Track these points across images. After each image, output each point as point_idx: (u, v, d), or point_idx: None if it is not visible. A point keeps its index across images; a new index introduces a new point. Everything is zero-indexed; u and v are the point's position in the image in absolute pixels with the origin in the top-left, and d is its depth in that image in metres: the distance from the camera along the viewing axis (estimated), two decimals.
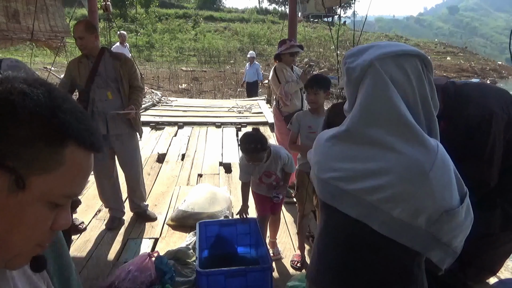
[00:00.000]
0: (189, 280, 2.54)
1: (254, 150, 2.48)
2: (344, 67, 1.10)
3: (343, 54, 1.20)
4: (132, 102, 3.21)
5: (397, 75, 1.00)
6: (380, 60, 1.01)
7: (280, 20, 31.06)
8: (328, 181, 1.07)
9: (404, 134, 0.97)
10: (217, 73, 19.20)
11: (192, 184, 4.54)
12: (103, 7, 6.35)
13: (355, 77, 1.05)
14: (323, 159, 1.12)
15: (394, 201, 0.96)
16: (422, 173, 0.94)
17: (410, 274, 1.07)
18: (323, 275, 1.17)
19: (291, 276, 2.72)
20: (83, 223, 3.42)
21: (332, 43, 6.96)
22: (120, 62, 3.20)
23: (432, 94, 1.04)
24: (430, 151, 0.96)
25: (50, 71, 9.69)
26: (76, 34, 3.08)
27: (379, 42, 1.08)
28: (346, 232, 1.08)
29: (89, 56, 3.16)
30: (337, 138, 1.09)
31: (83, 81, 3.13)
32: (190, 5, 40.82)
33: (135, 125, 3.30)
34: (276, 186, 2.73)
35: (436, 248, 0.99)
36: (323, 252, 1.17)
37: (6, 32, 4.76)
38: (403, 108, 0.98)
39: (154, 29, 27.49)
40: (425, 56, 1.04)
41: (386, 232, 0.98)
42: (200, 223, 2.72)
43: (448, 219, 0.96)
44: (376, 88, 1.01)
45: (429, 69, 1.04)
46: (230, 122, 7.88)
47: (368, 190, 0.99)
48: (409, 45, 1.09)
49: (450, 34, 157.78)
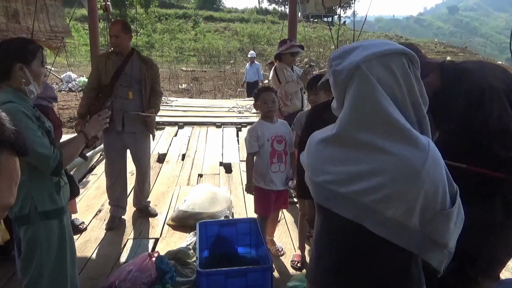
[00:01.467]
0: (189, 280, 2.54)
1: (269, 88, 2.88)
2: (330, 69, 1.09)
3: None
4: (153, 105, 3.36)
5: (384, 75, 1.00)
6: (366, 62, 1.00)
7: (280, 20, 31.04)
8: (322, 184, 1.07)
9: (394, 135, 0.97)
10: (217, 73, 19.19)
11: (193, 184, 4.54)
12: (103, 7, 6.34)
13: (341, 80, 1.04)
14: (316, 162, 1.12)
15: (387, 202, 0.96)
16: (413, 173, 0.94)
17: (407, 273, 1.07)
18: (322, 276, 1.17)
19: (291, 276, 2.72)
20: (84, 223, 3.43)
21: (332, 43, 6.97)
22: (147, 65, 3.34)
23: (421, 91, 1.04)
24: (421, 150, 0.96)
25: (50, 71, 9.69)
26: (112, 33, 3.24)
27: (363, 42, 1.07)
28: (343, 233, 1.09)
29: (119, 54, 3.29)
30: (327, 142, 1.09)
31: (108, 77, 3.24)
32: (190, 5, 40.77)
33: (150, 127, 3.44)
34: (286, 174, 2.78)
35: (433, 250, 0.99)
36: (321, 253, 1.18)
37: (6, 32, 4.76)
38: (391, 109, 0.98)
39: (154, 29, 27.49)
40: (410, 53, 1.03)
41: (382, 233, 0.99)
42: (200, 223, 2.72)
43: (443, 219, 0.97)
44: (363, 91, 1.00)
45: (415, 65, 1.04)
46: (231, 122, 7.88)
47: (361, 192, 0.99)
48: (394, 42, 1.08)
49: (450, 34, 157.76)
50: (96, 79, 3.30)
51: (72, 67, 13.26)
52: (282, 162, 2.75)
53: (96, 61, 3.35)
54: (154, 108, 3.35)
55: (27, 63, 1.72)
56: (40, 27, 5.30)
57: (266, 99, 2.73)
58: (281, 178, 2.77)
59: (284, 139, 2.76)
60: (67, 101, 10.58)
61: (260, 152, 2.75)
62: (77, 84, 12.51)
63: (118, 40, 3.23)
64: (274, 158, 2.73)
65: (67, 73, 13.02)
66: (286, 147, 2.77)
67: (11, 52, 1.71)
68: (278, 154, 2.74)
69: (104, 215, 3.65)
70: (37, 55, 1.76)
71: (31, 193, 1.70)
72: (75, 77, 12.92)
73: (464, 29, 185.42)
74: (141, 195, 3.63)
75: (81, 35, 22.09)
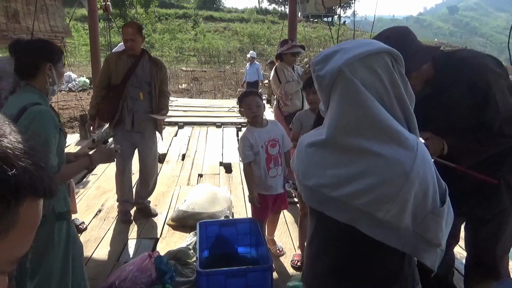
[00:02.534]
0: (189, 280, 2.54)
1: (253, 92, 2.78)
2: (313, 74, 1.08)
3: None
4: (163, 107, 3.43)
5: (368, 77, 0.99)
6: (349, 66, 0.99)
7: (280, 20, 31.04)
8: (314, 188, 1.07)
9: (382, 136, 0.97)
10: (217, 73, 19.19)
11: (193, 184, 4.54)
12: (103, 7, 6.34)
13: (325, 85, 1.04)
14: (306, 166, 1.11)
15: (378, 204, 0.96)
16: (403, 174, 0.94)
17: (400, 274, 1.08)
18: (317, 279, 1.18)
19: (291, 276, 2.72)
20: (84, 223, 3.43)
21: (332, 43, 6.94)
22: (157, 67, 3.37)
23: (406, 88, 1.03)
24: (409, 150, 0.96)
25: None
26: (128, 36, 3.22)
27: (344, 45, 1.06)
28: (336, 236, 1.09)
29: (130, 55, 3.31)
30: (317, 146, 1.08)
31: (119, 77, 3.27)
32: (190, 5, 40.80)
33: (159, 126, 3.52)
34: (283, 174, 2.75)
35: (426, 250, 0.99)
36: (315, 256, 1.18)
37: (6, 32, 4.77)
38: (378, 111, 0.97)
39: (154, 29, 27.48)
40: (392, 50, 1.02)
41: (375, 235, 0.98)
42: (200, 223, 2.72)
43: (434, 219, 0.97)
44: (348, 96, 0.99)
45: (399, 62, 1.03)
46: (230, 122, 7.88)
47: (352, 194, 0.98)
48: (375, 41, 1.06)
49: (450, 34, 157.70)
50: (106, 78, 3.32)
51: (72, 67, 13.27)
52: (279, 164, 2.72)
53: (107, 61, 3.37)
54: (165, 110, 3.43)
55: (54, 63, 1.75)
56: (40, 27, 5.30)
57: (250, 104, 2.62)
58: (280, 181, 2.75)
59: (278, 142, 2.71)
60: (67, 101, 10.58)
61: (256, 160, 2.68)
62: (77, 84, 12.52)
63: (134, 44, 3.24)
64: (270, 163, 2.69)
65: (67, 73, 13.01)
66: (281, 148, 2.74)
67: (42, 51, 1.73)
68: (274, 158, 2.71)
69: (104, 215, 3.65)
70: (62, 56, 1.82)
71: None
72: (75, 77, 12.93)
73: (464, 29, 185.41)
74: (144, 191, 3.65)
75: (81, 35, 22.09)
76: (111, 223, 3.52)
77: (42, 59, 1.72)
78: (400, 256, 1.05)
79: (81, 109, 8.65)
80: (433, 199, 0.97)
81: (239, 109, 2.76)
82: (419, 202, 0.95)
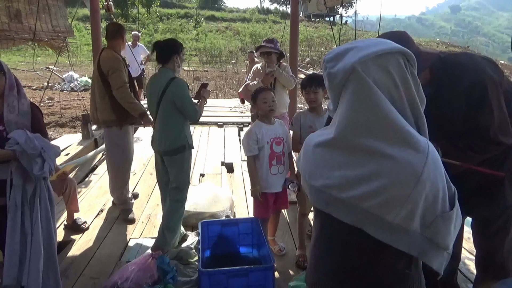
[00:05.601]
0: (191, 280, 2.54)
1: (268, 88, 3.08)
2: (324, 72, 1.07)
3: None
4: None
5: (380, 76, 0.98)
6: (362, 64, 0.97)
7: (281, 20, 31.04)
8: (321, 188, 1.05)
9: (393, 137, 0.95)
10: (219, 73, 19.18)
11: (194, 184, 4.54)
12: (105, 7, 6.34)
13: (337, 83, 1.02)
14: (313, 166, 1.09)
15: (388, 206, 0.94)
16: (414, 176, 0.92)
17: (407, 276, 1.06)
18: (321, 280, 1.16)
19: (293, 276, 2.71)
20: (86, 223, 3.43)
21: (334, 43, 6.89)
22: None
23: (418, 89, 1.02)
24: (420, 152, 0.94)
25: (52, 71, 9.71)
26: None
27: (358, 43, 1.05)
28: (342, 237, 1.07)
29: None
30: (325, 146, 1.06)
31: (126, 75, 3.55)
32: (191, 4, 40.85)
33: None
34: (285, 175, 2.76)
35: (434, 253, 0.98)
36: (321, 257, 1.17)
37: (8, 32, 4.77)
38: (389, 111, 0.96)
39: (156, 29, 27.52)
40: (406, 51, 1.01)
41: (382, 238, 0.97)
42: (202, 222, 2.72)
43: (443, 222, 0.95)
44: (360, 94, 0.98)
45: (412, 63, 1.02)
46: (232, 121, 7.88)
47: (361, 197, 0.96)
48: (389, 41, 1.05)
49: (452, 33, 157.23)
50: (125, 76, 3.48)
51: (74, 67, 13.26)
52: (281, 163, 2.73)
53: (119, 60, 3.49)
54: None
55: (179, 54, 2.90)
56: (42, 27, 5.30)
57: (267, 98, 2.69)
58: (280, 180, 2.74)
59: (283, 140, 2.73)
60: (69, 101, 10.59)
61: (259, 155, 2.70)
62: (79, 84, 12.52)
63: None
64: (273, 161, 2.70)
65: (69, 73, 13.05)
66: (284, 148, 2.75)
67: (174, 46, 2.88)
68: (277, 156, 2.71)
69: (106, 215, 3.66)
70: (183, 49, 2.96)
71: (184, 132, 2.82)
72: (77, 77, 12.93)
73: (466, 28, 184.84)
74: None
75: (83, 35, 22.13)
76: (113, 223, 3.53)
77: (173, 51, 2.85)
78: (407, 259, 1.03)
79: (83, 108, 8.66)
80: (443, 202, 0.95)
81: (253, 104, 2.81)
82: (429, 205, 0.94)
